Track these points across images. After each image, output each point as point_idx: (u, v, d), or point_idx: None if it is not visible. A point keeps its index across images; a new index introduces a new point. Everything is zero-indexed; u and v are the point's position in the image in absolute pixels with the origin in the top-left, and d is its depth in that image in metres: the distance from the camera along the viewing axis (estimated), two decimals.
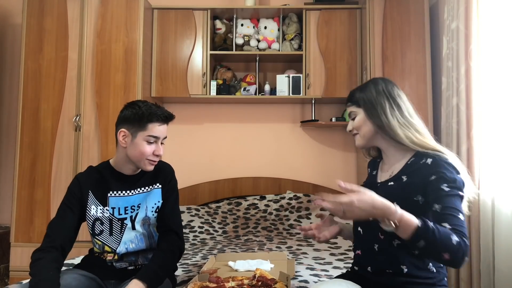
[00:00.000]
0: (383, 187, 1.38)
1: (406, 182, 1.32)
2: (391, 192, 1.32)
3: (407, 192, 1.30)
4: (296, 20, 3.33)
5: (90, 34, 3.05)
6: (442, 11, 2.81)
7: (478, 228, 2.20)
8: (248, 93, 3.27)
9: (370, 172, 1.54)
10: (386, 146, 1.42)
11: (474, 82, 2.28)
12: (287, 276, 1.58)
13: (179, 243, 1.61)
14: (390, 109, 1.36)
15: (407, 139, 1.33)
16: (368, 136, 1.42)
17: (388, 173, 1.41)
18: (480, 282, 2.16)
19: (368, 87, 1.43)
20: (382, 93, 1.39)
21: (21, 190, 2.96)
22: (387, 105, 1.37)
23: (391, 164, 1.43)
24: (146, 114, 1.58)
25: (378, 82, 1.42)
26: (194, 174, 3.48)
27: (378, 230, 1.33)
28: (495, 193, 2.11)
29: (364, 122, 1.41)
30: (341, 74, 3.21)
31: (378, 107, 1.37)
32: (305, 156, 3.52)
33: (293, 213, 3.13)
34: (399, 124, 1.34)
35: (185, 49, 3.24)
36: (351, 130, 1.47)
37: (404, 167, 1.37)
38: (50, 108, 3.01)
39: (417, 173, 1.30)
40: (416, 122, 1.37)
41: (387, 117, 1.35)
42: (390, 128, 1.35)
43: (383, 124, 1.36)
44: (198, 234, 2.94)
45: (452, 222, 1.16)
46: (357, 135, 1.44)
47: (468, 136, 2.29)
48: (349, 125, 1.47)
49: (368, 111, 1.39)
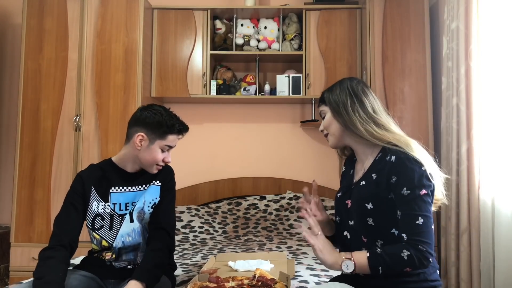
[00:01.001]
0: (356, 188, 1.39)
1: (376, 180, 1.33)
2: (363, 192, 1.35)
3: (378, 191, 1.31)
4: (296, 20, 3.33)
5: (90, 34, 3.05)
6: (442, 11, 2.81)
7: (478, 228, 2.20)
8: (248, 93, 3.27)
9: (347, 171, 1.54)
10: (355, 144, 1.43)
11: (474, 82, 2.28)
12: (287, 276, 1.58)
13: (169, 242, 1.62)
14: (351, 105, 1.37)
15: (367, 133, 1.33)
16: (337, 134, 1.43)
17: (361, 171, 1.42)
18: (480, 282, 2.16)
19: (335, 86, 1.45)
20: (345, 90, 1.40)
21: (21, 190, 2.96)
22: (349, 101, 1.38)
23: (363, 161, 1.44)
24: (169, 125, 1.62)
25: (344, 81, 1.44)
26: (194, 174, 3.48)
27: (361, 233, 1.35)
28: (495, 193, 2.11)
29: (331, 120, 1.43)
30: (341, 74, 3.20)
31: (341, 104, 1.39)
32: (305, 156, 3.52)
33: (293, 213, 3.13)
34: (360, 119, 1.35)
35: (185, 49, 3.24)
36: (322, 130, 1.48)
37: (373, 163, 1.38)
38: (50, 108, 3.00)
39: (383, 172, 1.31)
40: (379, 117, 1.36)
41: (348, 113, 1.37)
42: (351, 124, 1.36)
43: (345, 120, 1.37)
44: (198, 234, 2.94)
45: (409, 231, 1.23)
46: (328, 135, 1.46)
47: (468, 136, 2.29)
48: (321, 125, 1.49)
49: (332, 109, 1.42)
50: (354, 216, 1.37)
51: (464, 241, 2.26)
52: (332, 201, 3.19)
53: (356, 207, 1.36)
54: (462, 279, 2.27)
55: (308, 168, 3.50)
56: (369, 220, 1.32)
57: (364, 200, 1.33)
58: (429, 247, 1.21)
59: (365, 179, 1.37)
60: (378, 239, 1.32)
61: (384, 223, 1.30)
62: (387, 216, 1.30)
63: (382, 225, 1.30)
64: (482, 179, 2.21)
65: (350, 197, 1.40)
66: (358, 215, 1.35)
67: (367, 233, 1.34)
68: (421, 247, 1.20)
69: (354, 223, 1.37)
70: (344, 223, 1.43)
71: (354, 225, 1.36)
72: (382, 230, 1.31)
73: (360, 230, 1.35)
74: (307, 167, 3.50)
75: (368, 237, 1.33)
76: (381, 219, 1.31)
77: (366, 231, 1.34)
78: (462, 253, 2.27)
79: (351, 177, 1.47)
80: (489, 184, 2.17)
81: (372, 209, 1.31)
